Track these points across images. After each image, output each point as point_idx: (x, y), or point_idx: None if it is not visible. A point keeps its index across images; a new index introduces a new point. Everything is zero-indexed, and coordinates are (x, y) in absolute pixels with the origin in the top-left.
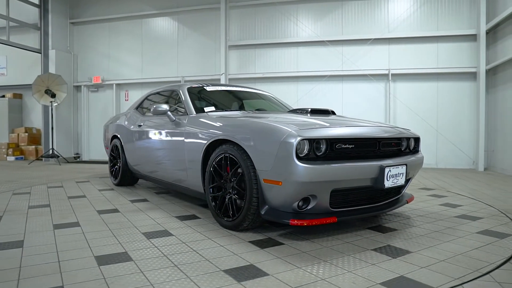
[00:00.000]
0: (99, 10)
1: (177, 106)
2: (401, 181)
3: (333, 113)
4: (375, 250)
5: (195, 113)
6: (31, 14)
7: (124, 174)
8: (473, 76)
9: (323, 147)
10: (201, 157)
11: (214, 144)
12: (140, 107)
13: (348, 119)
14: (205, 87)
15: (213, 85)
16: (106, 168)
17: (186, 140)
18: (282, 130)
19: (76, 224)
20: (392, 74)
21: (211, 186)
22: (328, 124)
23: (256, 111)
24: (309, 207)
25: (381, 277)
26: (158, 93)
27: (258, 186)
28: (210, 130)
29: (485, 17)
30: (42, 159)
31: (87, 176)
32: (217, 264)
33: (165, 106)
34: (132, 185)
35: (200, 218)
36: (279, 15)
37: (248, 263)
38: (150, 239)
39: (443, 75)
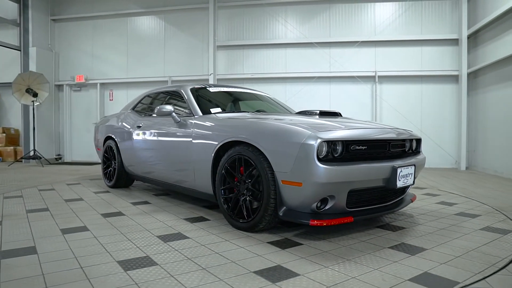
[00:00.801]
0: (81, 8)
1: (179, 106)
2: (410, 181)
3: (340, 115)
4: (391, 248)
5: (201, 114)
6: (9, 9)
7: (119, 176)
8: (455, 79)
9: (339, 148)
10: (212, 158)
11: (224, 146)
12: (137, 107)
13: (356, 121)
14: (207, 88)
15: (214, 86)
16: (93, 169)
17: (194, 142)
18: (302, 132)
19: (84, 229)
20: (379, 76)
21: (222, 188)
22: (343, 126)
23: (259, 112)
24: (327, 207)
25: (407, 274)
26: (156, 93)
27: (276, 187)
28: (222, 132)
29: (466, 23)
30: (22, 161)
31: (76, 178)
32: (244, 265)
33: (169, 107)
34: (127, 187)
35: (209, 220)
36: (268, 16)
37: (275, 264)
38: (168, 242)
39: (427, 77)
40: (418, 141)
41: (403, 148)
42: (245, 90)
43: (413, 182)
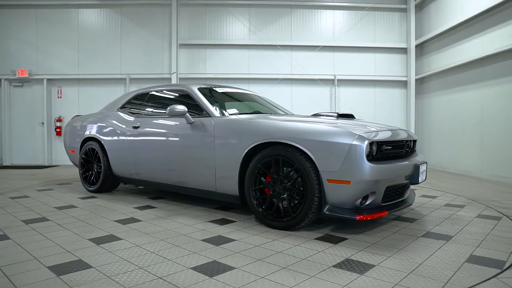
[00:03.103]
0: None
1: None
2: (424, 177)
3: (353, 117)
4: (424, 236)
5: (218, 115)
6: None
7: (105, 179)
8: (404, 84)
9: (375, 148)
10: (241, 160)
11: (254, 147)
12: (126, 106)
13: (372, 123)
14: (213, 88)
15: (219, 86)
16: (50, 172)
17: (217, 143)
18: (351, 134)
19: (115, 238)
20: (338, 80)
21: (254, 188)
22: (376, 128)
23: (278, 115)
24: (367, 203)
25: (459, 257)
26: (152, 92)
27: (320, 186)
28: (253, 133)
29: (414, 34)
30: None
31: (43, 183)
32: (318, 261)
33: (182, 107)
34: (110, 191)
35: (235, 221)
36: (231, 17)
37: (343, 258)
38: (220, 246)
39: (379, 82)
40: (415, 141)
41: (407, 148)
42: (243, 91)
43: (425, 178)
